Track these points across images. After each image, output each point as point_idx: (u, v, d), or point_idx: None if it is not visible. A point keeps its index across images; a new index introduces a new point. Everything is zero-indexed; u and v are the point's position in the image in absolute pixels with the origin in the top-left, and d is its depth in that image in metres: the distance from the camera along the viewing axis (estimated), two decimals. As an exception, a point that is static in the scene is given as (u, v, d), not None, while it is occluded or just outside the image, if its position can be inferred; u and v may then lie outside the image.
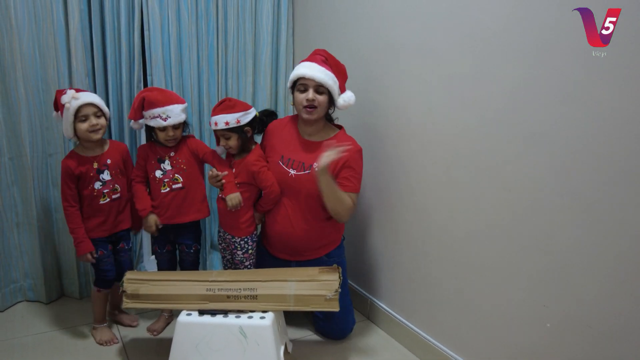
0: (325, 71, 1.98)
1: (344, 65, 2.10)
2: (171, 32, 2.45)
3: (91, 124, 1.99)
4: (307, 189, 2.05)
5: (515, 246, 1.65)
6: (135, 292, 1.92)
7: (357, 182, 2.06)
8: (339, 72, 2.05)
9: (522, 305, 1.66)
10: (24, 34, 2.17)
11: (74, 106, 1.94)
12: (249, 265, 2.17)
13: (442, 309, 1.99)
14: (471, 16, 1.71)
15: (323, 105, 2.02)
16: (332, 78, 2.00)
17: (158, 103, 2.02)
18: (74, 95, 1.95)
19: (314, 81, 1.97)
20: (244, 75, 2.73)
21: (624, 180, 1.33)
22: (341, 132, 2.14)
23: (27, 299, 2.48)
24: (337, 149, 1.90)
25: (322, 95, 2.01)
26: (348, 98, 2.04)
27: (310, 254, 2.16)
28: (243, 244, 2.13)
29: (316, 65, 1.99)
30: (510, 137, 1.62)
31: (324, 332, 2.25)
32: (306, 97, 1.99)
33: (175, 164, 2.13)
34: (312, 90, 1.99)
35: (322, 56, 2.03)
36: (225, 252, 2.23)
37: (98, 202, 2.07)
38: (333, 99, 2.04)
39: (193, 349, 1.83)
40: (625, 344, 1.38)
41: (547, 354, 1.59)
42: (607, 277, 1.40)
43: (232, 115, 2.00)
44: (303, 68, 2.00)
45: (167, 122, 2.03)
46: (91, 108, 1.99)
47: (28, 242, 2.39)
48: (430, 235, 2.01)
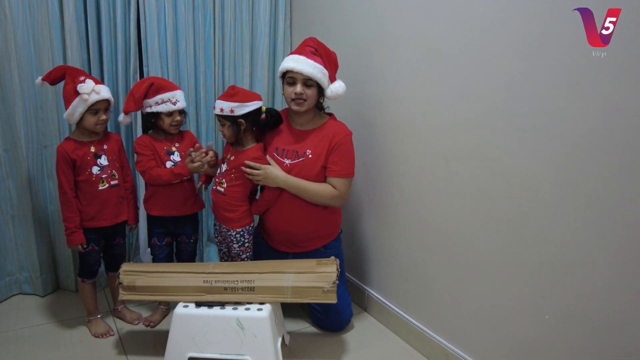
0: (314, 64, 1.97)
1: (336, 53, 2.09)
2: (167, 23, 2.43)
3: (101, 119, 2.00)
4: (302, 176, 2.06)
5: (514, 238, 1.65)
6: (132, 284, 1.91)
7: (344, 166, 2.05)
8: (329, 62, 2.03)
9: (520, 297, 1.65)
10: (19, 24, 2.15)
11: (92, 99, 1.94)
12: (245, 258, 2.16)
13: (440, 301, 1.99)
14: (472, 9, 1.69)
15: (312, 98, 2.02)
16: (321, 70, 1.98)
17: (166, 87, 2.07)
18: (95, 88, 1.95)
19: (302, 75, 1.97)
20: (241, 67, 2.71)
21: (624, 174, 1.32)
22: (331, 119, 2.14)
23: (23, 292, 2.47)
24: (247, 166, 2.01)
25: (310, 89, 2.01)
26: (336, 88, 2.03)
27: (307, 245, 2.16)
28: (239, 237, 2.12)
29: (304, 59, 1.97)
30: (510, 130, 1.61)
31: (322, 324, 2.24)
32: (294, 90, 2.00)
33: (185, 155, 2.15)
34: (300, 84, 1.99)
35: (311, 47, 2.01)
36: (221, 245, 2.22)
37: (96, 187, 2.04)
38: (323, 89, 2.04)
39: (190, 340, 1.82)
40: (624, 337, 1.38)
41: (546, 346, 1.59)
42: (606, 269, 1.39)
43: (228, 103, 1.99)
44: (292, 61, 1.99)
45: (176, 106, 2.07)
46: (105, 103, 2.01)
47: (23, 234, 2.38)
48: (428, 228, 2.01)
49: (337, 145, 2.04)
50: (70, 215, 2.02)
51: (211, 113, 2.67)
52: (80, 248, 2.06)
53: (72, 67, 2.03)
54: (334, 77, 2.06)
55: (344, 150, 2.05)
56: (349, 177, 2.08)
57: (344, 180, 2.06)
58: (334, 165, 2.04)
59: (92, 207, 2.05)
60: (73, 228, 2.02)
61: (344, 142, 2.05)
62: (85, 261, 2.12)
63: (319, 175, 2.06)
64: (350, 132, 2.09)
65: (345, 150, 2.05)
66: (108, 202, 2.08)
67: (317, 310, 2.22)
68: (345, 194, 2.08)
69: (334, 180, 2.05)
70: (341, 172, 2.05)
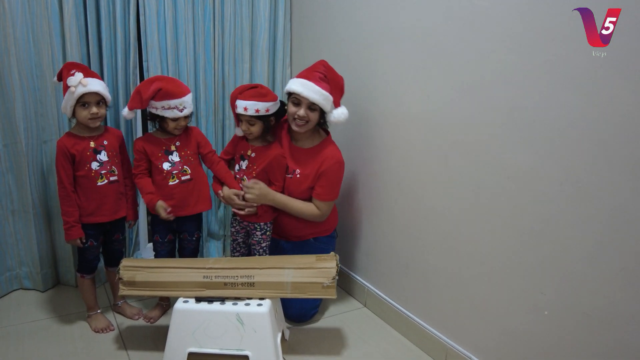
0: (321, 91, 2.01)
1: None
2: (167, 17, 2.42)
3: (91, 112, 1.97)
4: (289, 192, 2.17)
5: (513, 234, 1.65)
6: (132, 279, 1.91)
7: (328, 191, 2.16)
8: (336, 88, 2.07)
9: (519, 293, 1.65)
10: (18, 19, 2.14)
11: (78, 92, 1.92)
12: (265, 247, 2.22)
13: (439, 297, 2.00)
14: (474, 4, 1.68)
15: (314, 120, 2.09)
16: (326, 98, 2.03)
17: (175, 94, 2.01)
18: (82, 81, 1.92)
19: (307, 100, 2.02)
20: (241, 62, 2.71)
21: (623, 171, 1.32)
22: (327, 140, 2.21)
23: (23, 287, 2.47)
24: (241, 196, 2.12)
25: (314, 112, 2.07)
26: (338, 115, 2.09)
27: (298, 239, 2.27)
28: (263, 225, 2.19)
29: (312, 85, 2.01)
30: (510, 125, 1.61)
31: (286, 315, 2.21)
32: (298, 112, 2.05)
33: (184, 155, 2.12)
34: (304, 107, 2.04)
35: (320, 73, 2.04)
36: (237, 235, 2.26)
37: (95, 183, 2.04)
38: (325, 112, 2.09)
39: (190, 336, 1.83)
40: (623, 333, 1.38)
41: (544, 342, 1.59)
42: (605, 265, 1.40)
43: (264, 104, 2.04)
44: (300, 86, 2.02)
45: (183, 113, 2.04)
46: (95, 96, 1.97)
47: (23, 229, 2.38)
48: (428, 223, 2.01)
49: (325, 171, 2.12)
50: (69, 210, 2.01)
51: (211, 108, 2.67)
52: (79, 243, 2.05)
53: (74, 62, 2.03)
54: (339, 103, 2.11)
55: (330, 177, 2.14)
56: (332, 200, 2.20)
57: (326, 203, 2.18)
58: (320, 189, 2.15)
59: (90, 203, 2.05)
60: (72, 222, 2.01)
61: (331, 170, 2.13)
62: (84, 257, 2.12)
63: (304, 193, 2.18)
64: (340, 159, 2.16)
65: (331, 177, 2.14)
66: (107, 198, 2.07)
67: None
68: (326, 213, 2.20)
69: (317, 202, 2.17)
70: (324, 196, 2.16)
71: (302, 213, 2.17)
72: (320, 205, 2.16)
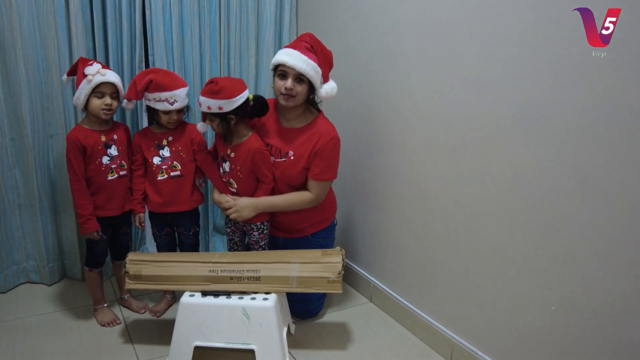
0: (308, 60, 1.92)
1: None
2: (173, 11, 2.42)
3: (105, 103, 1.98)
4: (284, 177, 2.07)
5: (521, 229, 1.64)
6: (138, 273, 1.92)
7: (324, 169, 2.04)
8: (324, 60, 1.99)
9: (526, 288, 1.65)
10: (24, 13, 2.14)
11: (96, 81, 1.93)
12: (263, 245, 2.17)
13: (446, 292, 1.99)
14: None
15: (301, 94, 1.98)
16: (314, 68, 1.94)
17: (166, 87, 1.99)
18: (101, 71, 1.94)
19: (294, 70, 1.92)
20: (247, 56, 2.70)
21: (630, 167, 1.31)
22: (320, 117, 2.10)
23: (30, 281, 2.49)
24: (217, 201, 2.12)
25: (301, 85, 1.96)
26: (330, 89, 2.00)
27: (296, 234, 2.21)
28: (259, 225, 2.14)
29: (298, 54, 1.93)
30: (517, 119, 1.59)
31: (292, 311, 2.20)
32: (285, 84, 1.95)
33: (175, 150, 2.11)
34: (291, 79, 1.94)
35: (307, 43, 1.96)
36: (234, 234, 2.22)
37: (105, 177, 2.04)
38: (314, 87, 1.99)
39: (196, 330, 1.83)
40: (630, 328, 1.37)
41: (552, 337, 1.58)
42: (613, 260, 1.39)
43: (215, 101, 1.91)
44: (285, 55, 1.94)
45: (173, 107, 2.01)
46: (111, 87, 1.98)
47: (30, 223, 2.39)
48: (434, 218, 2.00)
49: (319, 150, 2.01)
50: (83, 203, 2.01)
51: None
52: (96, 235, 2.05)
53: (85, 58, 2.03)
54: (327, 77, 2.02)
55: (326, 155, 2.02)
56: (328, 180, 2.08)
57: (321, 184, 2.06)
58: (316, 169, 2.03)
59: (100, 197, 2.05)
60: (88, 216, 2.01)
61: (327, 147, 2.01)
62: (93, 250, 2.13)
63: (300, 175, 2.07)
64: (335, 135, 2.04)
65: (327, 155, 2.02)
66: (116, 192, 2.08)
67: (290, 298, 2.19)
68: (321, 196, 2.09)
69: (311, 183, 2.06)
70: (319, 175, 2.04)
71: (294, 205, 2.08)
72: (313, 186, 2.05)
